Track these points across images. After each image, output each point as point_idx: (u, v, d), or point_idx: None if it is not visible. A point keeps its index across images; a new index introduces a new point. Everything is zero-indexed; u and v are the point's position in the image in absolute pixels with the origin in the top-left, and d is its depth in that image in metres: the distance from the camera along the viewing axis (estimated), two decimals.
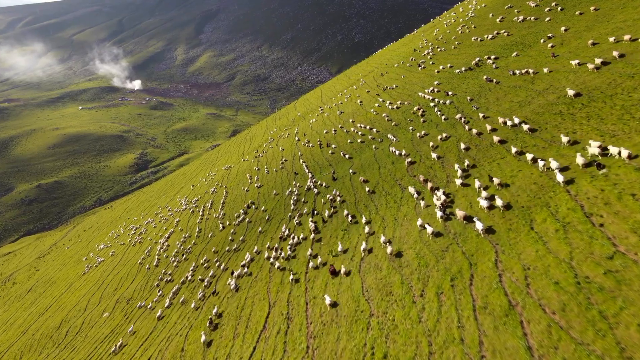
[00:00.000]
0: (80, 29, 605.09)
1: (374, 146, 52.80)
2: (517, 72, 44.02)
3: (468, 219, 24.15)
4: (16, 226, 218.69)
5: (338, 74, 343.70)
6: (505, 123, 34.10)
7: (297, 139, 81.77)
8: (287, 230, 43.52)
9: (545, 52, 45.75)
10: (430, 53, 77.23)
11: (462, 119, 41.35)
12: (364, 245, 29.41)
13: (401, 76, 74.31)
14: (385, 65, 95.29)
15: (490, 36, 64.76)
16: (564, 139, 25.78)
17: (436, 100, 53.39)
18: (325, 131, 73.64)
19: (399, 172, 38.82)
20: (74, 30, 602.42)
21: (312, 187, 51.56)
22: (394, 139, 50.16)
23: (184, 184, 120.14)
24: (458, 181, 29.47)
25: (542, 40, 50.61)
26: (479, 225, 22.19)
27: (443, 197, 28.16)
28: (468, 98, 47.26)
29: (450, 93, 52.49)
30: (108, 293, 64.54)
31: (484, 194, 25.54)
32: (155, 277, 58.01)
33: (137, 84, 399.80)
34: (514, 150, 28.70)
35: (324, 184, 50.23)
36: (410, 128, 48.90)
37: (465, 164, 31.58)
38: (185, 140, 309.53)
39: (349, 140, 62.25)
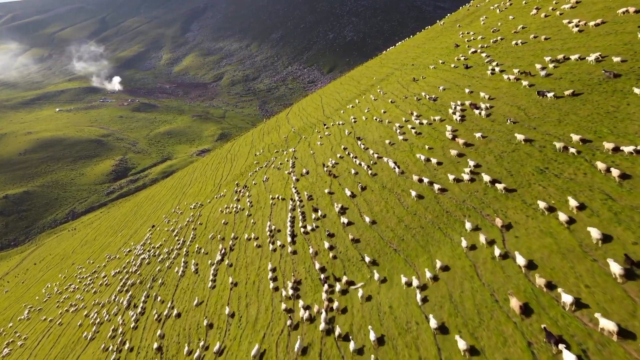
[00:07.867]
0: (61, 27, 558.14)
1: (453, 236, 23.80)
2: None
3: None
4: None
5: (330, 74, 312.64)
6: None
7: (291, 173, 52.49)
8: None
9: None
10: (488, 49, 48.47)
11: None
12: None
13: (453, 84, 45.31)
14: (411, 66, 65.71)
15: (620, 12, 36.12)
16: None
17: (552, 133, 24.70)
18: (333, 161, 44.46)
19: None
20: (55, 28, 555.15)
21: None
22: (498, 217, 21.49)
23: (147, 217, 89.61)
24: None
25: None
26: None
27: None
28: None
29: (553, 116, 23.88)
30: None
31: None
32: None
33: (116, 83, 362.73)
34: None
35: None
36: (543, 205, 20.31)
37: None
38: (169, 144, 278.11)
39: (382, 197, 33.08)
